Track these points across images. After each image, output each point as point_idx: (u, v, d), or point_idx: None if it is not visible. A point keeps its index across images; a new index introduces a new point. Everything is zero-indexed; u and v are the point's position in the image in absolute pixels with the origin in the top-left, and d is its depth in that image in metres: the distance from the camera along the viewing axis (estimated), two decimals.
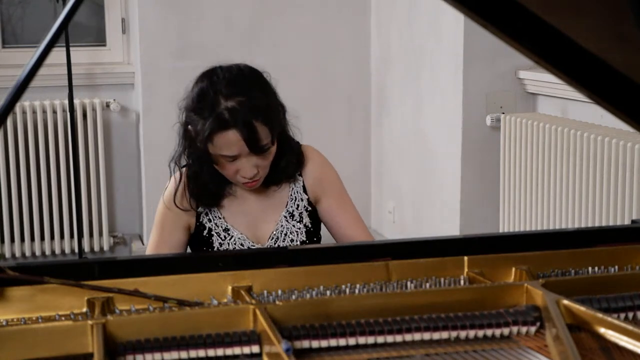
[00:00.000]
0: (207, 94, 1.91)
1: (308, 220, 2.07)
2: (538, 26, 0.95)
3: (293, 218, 2.06)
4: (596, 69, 0.99)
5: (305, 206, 2.08)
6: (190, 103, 1.96)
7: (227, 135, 1.87)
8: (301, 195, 2.08)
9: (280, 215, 2.06)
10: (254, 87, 1.93)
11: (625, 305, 1.25)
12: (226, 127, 1.87)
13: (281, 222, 2.05)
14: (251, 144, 1.88)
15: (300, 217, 2.06)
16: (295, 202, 2.07)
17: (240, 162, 1.92)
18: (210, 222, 2.04)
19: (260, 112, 1.89)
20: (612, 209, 2.90)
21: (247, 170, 1.93)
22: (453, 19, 3.64)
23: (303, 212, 2.07)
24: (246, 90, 1.91)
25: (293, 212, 2.07)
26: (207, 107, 1.89)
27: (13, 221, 4.22)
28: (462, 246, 1.47)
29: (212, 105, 1.89)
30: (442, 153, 3.87)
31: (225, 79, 1.92)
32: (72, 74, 4.05)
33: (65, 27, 1.19)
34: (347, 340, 1.14)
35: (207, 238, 2.03)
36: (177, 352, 1.11)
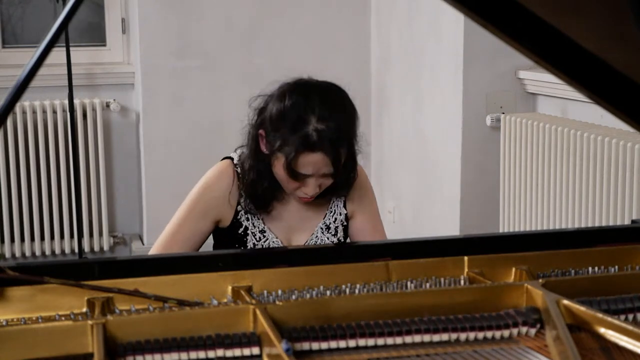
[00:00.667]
0: (299, 110, 1.91)
1: (342, 234, 2.09)
2: (538, 26, 0.95)
3: (329, 231, 2.07)
4: (596, 69, 0.99)
5: (342, 220, 2.09)
6: (275, 114, 1.93)
7: (313, 156, 1.88)
8: (340, 209, 2.09)
9: (317, 226, 2.07)
10: (345, 111, 1.96)
11: (625, 307, 1.25)
12: (314, 148, 1.87)
13: (316, 233, 2.06)
14: (334, 168, 1.90)
15: (335, 231, 2.08)
16: (334, 216, 2.08)
17: (307, 180, 1.92)
18: (248, 220, 2.03)
19: (348, 141, 1.93)
20: (612, 209, 2.90)
21: (310, 189, 1.94)
22: (453, 19, 3.64)
23: (339, 226, 2.08)
24: (339, 114, 1.93)
25: (330, 224, 2.07)
26: (297, 124, 1.89)
27: (13, 221, 4.22)
28: (462, 246, 1.47)
29: (303, 123, 1.88)
30: (442, 153, 3.87)
31: (317, 98, 1.94)
32: (72, 74, 4.05)
33: (65, 27, 1.19)
34: (347, 342, 1.14)
35: (242, 236, 2.03)
36: (177, 353, 1.11)
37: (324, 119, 1.89)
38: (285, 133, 1.89)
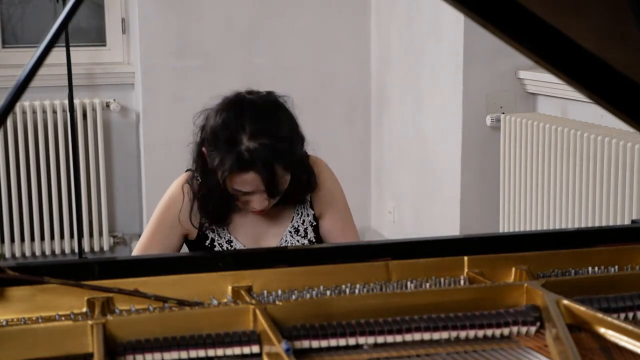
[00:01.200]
0: (231, 129, 1.87)
1: (312, 235, 2.08)
2: (538, 26, 0.95)
3: (298, 233, 2.06)
4: (596, 69, 0.99)
5: (310, 221, 2.08)
6: (210, 132, 1.91)
7: (246, 175, 1.86)
8: (307, 210, 2.08)
9: (285, 230, 2.06)
10: (280, 125, 1.90)
11: (625, 305, 1.25)
12: (246, 168, 1.85)
13: (286, 237, 2.05)
14: (269, 187, 1.87)
15: (305, 233, 2.07)
16: (301, 218, 2.07)
17: (253, 196, 1.91)
18: (213, 232, 2.03)
19: (282, 157, 1.87)
20: (612, 209, 2.90)
21: (256, 204, 1.92)
22: (453, 19, 3.64)
23: (308, 227, 2.07)
24: (271, 130, 1.87)
25: (298, 227, 2.06)
26: (228, 143, 1.86)
27: (13, 221, 4.22)
28: (462, 246, 1.47)
29: (234, 142, 1.85)
30: (442, 153, 3.87)
31: (250, 113, 1.88)
32: (72, 74, 4.05)
33: (65, 27, 1.19)
34: (347, 340, 1.14)
35: (210, 248, 2.03)
36: (177, 352, 1.11)
37: (256, 136, 1.85)
38: (220, 152, 1.87)
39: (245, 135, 1.85)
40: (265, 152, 1.84)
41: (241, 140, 1.85)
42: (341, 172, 4.83)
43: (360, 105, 4.61)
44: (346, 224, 2.12)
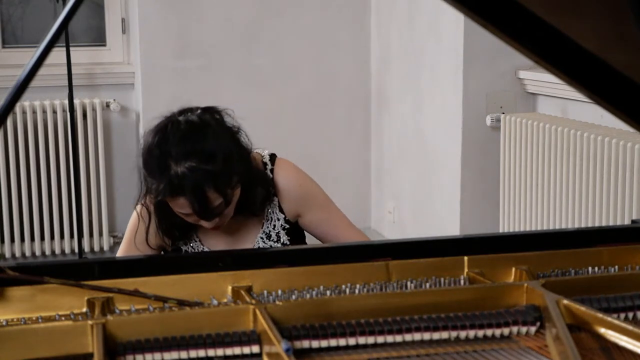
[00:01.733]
0: (156, 155, 1.83)
1: (286, 238, 2.03)
2: (538, 26, 0.95)
3: (270, 238, 2.03)
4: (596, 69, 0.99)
5: (282, 225, 2.03)
6: (142, 158, 1.89)
7: (178, 200, 1.82)
8: (277, 215, 2.03)
9: (257, 236, 2.03)
10: (207, 144, 1.82)
11: (625, 305, 1.25)
12: (177, 194, 1.80)
13: (258, 243, 2.02)
14: (201, 211, 1.82)
15: (277, 237, 2.03)
16: (272, 223, 2.03)
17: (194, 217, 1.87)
18: (185, 245, 2.02)
19: (214, 180, 1.79)
20: (612, 209, 2.90)
21: (205, 225, 1.89)
22: (453, 19, 3.64)
23: (280, 231, 2.03)
24: (199, 151, 1.80)
25: (270, 232, 2.03)
26: (157, 169, 1.82)
27: (13, 221, 4.22)
28: (462, 246, 1.47)
29: (162, 168, 1.81)
30: (442, 153, 3.87)
31: (175, 137, 1.81)
32: (72, 74, 4.05)
33: (65, 27, 1.19)
34: (347, 340, 1.14)
35: None
36: (177, 352, 1.11)
37: (183, 160, 1.79)
38: (151, 177, 1.85)
39: (172, 160, 1.79)
40: (194, 176, 1.78)
41: (169, 165, 1.79)
42: (341, 172, 4.83)
43: (360, 105, 4.61)
44: (330, 212, 2.07)
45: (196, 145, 1.81)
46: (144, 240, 1.99)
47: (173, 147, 1.80)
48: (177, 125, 1.84)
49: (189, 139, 1.81)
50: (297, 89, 4.48)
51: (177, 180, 1.79)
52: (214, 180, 1.79)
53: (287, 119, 4.47)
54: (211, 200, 1.81)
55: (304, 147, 4.47)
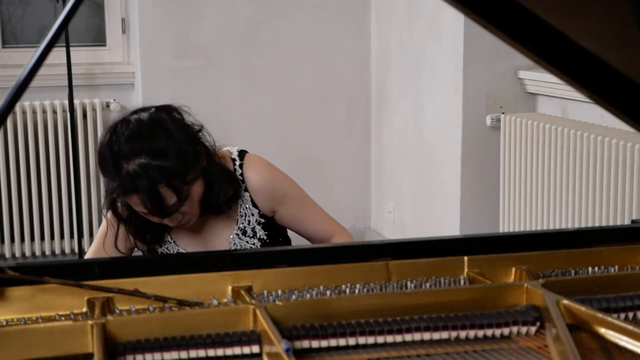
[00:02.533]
0: (106, 155, 1.82)
1: (262, 232, 2.02)
2: (538, 26, 0.95)
3: (245, 234, 2.01)
4: (596, 69, 0.99)
5: (257, 220, 2.01)
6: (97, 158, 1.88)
7: (132, 199, 1.81)
8: (251, 210, 2.01)
9: (232, 233, 2.01)
10: (156, 141, 1.80)
11: (625, 305, 1.25)
12: (130, 192, 1.80)
13: (234, 240, 2.01)
14: (155, 209, 1.80)
15: (253, 232, 2.01)
16: (246, 219, 2.01)
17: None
18: (160, 247, 2.01)
19: (165, 176, 1.78)
20: (612, 209, 2.90)
21: (171, 221, 1.87)
22: (453, 19, 3.64)
23: (255, 226, 2.01)
24: (147, 148, 1.79)
25: (245, 228, 2.01)
26: (110, 170, 1.82)
27: (13, 221, 4.21)
28: (462, 246, 1.47)
29: (114, 168, 1.80)
30: (442, 153, 3.87)
31: (124, 136, 1.80)
32: (72, 74, 4.05)
33: (65, 27, 1.19)
34: (347, 340, 1.14)
35: None
36: (177, 352, 1.11)
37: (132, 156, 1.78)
38: (107, 177, 1.84)
39: (123, 159, 1.78)
40: (145, 174, 1.77)
41: (121, 164, 1.79)
42: (341, 172, 4.82)
43: (360, 105, 4.61)
44: (305, 207, 2.05)
45: (146, 143, 1.79)
46: (113, 245, 1.97)
47: (123, 145, 1.79)
48: (127, 124, 1.83)
49: (139, 136, 1.80)
50: (297, 89, 4.48)
51: (129, 178, 1.77)
52: (165, 176, 1.78)
53: (287, 119, 4.47)
54: (165, 198, 1.79)
55: (304, 147, 4.47)
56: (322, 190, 3.03)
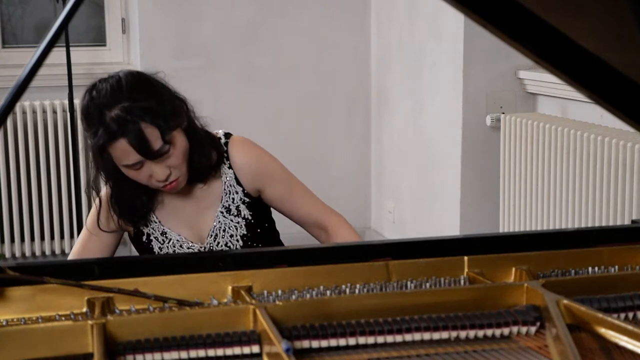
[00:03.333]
0: (90, 109, 1.85)
1: (247, 212, 2.01)
2: (538, 26, 0.95)
3: (230, 212, 2.01)
4: (596, 69, 0.99)
5: (241, 198, 2.01)
6: (81, 122, 1.91)
7: (118, 145, 1.82)
8: (235, 187, 2.01)
9: (216, 211, 2.01)
10: (135, 90, 1.86)
11: (625, 305, 1.25)
12: (115, 137, 1.81)
13: (218, 218, 2.01)
14: (143, 150, 1.82)
15: (237, 211, 2.01)
16: (230, 196, 2.01)
17: (147, 167, 1.87)
18: (147, 227, 2.02)
19: (147, 115, 1.83)
20: (612, 209, 2.90)
21: (159, 174, 1.88)
22: (453, 19, 3.64)
23: (240, 204, 2.01)
24: (127, 95, 1.84)
25: (229, 206, 2.01)
26: (95, 122, 1.84)
27: (13, 221, 4.22)
28: (462, 246, 1.47)
29: (99, 119, 1.83)
30: (442, 153, 3.87)
31: (104, 89, 1.85)
32: (72, 74, 4.05)
33: (65, 27, 1.19)
34: (347, 340, 1.14)
35: (147, 244, 2.02)
36: (177, 352, 1.11)
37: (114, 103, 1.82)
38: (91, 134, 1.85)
39: (106, 109, 1.83)
40: (128, 115, 1.81)
41: (104, 113, 1.83)
42: (341, 172, 4.83)
43: (360, 105, 4.61)
44: (291, 187, 2.05)
45: (127, 92, 1.85)
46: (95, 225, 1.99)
47: (105, 97, 1.84)
48: (106, 81, 1.88)
49: (120, 87, 1.85)
50: (297, 89, 4.48)
51: (113, 123, 1.81)
52: (148, 114, 1.83)
53: (287, 119, 4.47)
54: (150, 139, 1.82)
55: (304, 147, 4.47)
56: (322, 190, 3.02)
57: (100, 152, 1.86)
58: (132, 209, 1.98)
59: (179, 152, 1.89)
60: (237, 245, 2.00)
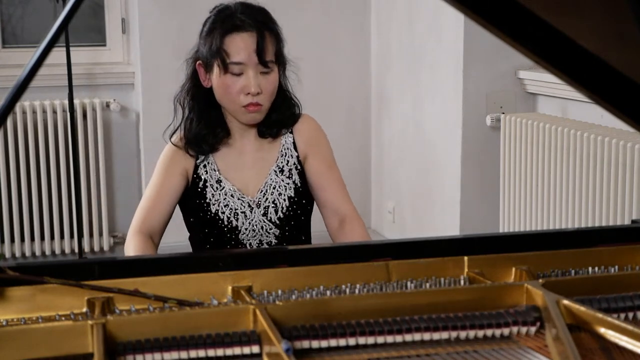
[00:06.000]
0: (228, 7, 2.08)
1: (298, 178, 2.13)
2: (538, 26, 0.95)
3: (282, 173, 2.12)
4: (596, 69, 0.99)
5: (294, 163, 2.14)
6: (205, 31, 2.12)
7: (238, 37, 2.03)
8: (291, 151, 2.14)
9: (270, 169, 2.12)
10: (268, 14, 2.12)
11: (625, 306, 1.25)
12: (238, 29, 2.03)
13: (270, 175, 2.11)
14: (259, 49, 2.03)
15: (289, 174, 2.13)
16: (285, 158, 2.14)
17: (245, 77, 2.03)
18: (206, 173, 2.11)
19: (272, 27, 2.08)
20: (612, 209, 2.90)
21: (251, 86, 2.03)
22: (453, 19, 3.64)
23: (292, 169, 2.13)
24: (261, 12, 2.09)
25: (283, 167, 2.13)
26: (223, 19, 2.06)
27: (13, 221, 4.22)
28: (462, 246, 1.47)
29: (229, 16, 2.05)
30: (442, 153, 3.87)
31: (241, 5, 2.09)
32: (72, 74, 4.05)
33: (65, 27, 1.19)
34: (347, 340, 1.14)
35: (202, 190, 2.10)
36: (177, 352, 1.11)
37: (247, 11, 2.06)
38: (215, 28, 2.06)
39: (239, 12, 2.06)
40: (256, 18, 2.05)
41: (235, 13, 2.06)
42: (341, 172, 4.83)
43: (360, 105, 4.61)
44: (331, 169, 2.18)
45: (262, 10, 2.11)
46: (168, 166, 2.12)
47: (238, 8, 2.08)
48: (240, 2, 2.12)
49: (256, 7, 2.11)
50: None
51: (247, 18, 2.05)
52: (276, 33, 2.12)
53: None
54: (269, 47, 2.07)
55: None
56: None
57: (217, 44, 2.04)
58: (207, 136, 2.11)
59: (274, 81, 2.10)
60: (284, 204, 2.10)
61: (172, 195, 2.10)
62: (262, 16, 2.08)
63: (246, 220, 2.08)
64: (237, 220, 2.08)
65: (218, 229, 2.09)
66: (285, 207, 2.10)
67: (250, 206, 2.09)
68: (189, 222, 2.15)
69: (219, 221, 2.08)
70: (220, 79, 2.05)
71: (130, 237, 2.05)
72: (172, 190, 2.10)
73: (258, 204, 2.09)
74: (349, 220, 2.11)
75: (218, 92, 2.08)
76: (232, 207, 2.08)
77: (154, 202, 2.08)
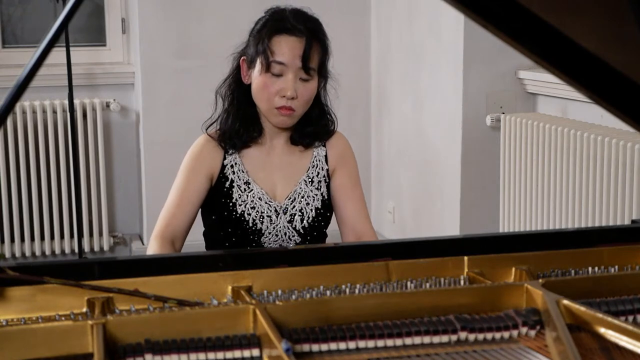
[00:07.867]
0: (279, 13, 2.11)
1: (325, 190, 2.15)
2: (538, 26, 0.95)
3: (312, 184, 2.14)
4: (596, 69, 0.99)
5: (324, 176, 2.16)
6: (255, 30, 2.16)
7: (286, 39, 2.06)
8: (322, 164, 2.17)
9: (300, 178, 2.14)
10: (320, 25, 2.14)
11: (625, 309, 1.25)
12: (288, 31, 2.06)
13: (300, 184, 2.13)
14: (305, 55, 2.04)
15: (319, 185, 2.14)
16: (316, 170, 2.16)
17: (284, 79, 2.04)
18: (234, 174, 2.11)
19: (321, 38, 2.10)
20: (612, 209, 2.90)
21: (288, 89, 2.04)
22: (453, 19, 3.64)
23: (322, 181, 2.15)
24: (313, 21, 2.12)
25: (313, 178, 2.15)
26: (275, 20, 2.09)
27: (13, 221, 4.22)
28: (462, 246, 1.47)
29: (282, 19, 2.09)
30: (442, 153, 3.87)
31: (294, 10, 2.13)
32: (72, 74, 4.05)
33: (65, 27, 1.19)
34: (347, 343, 1.14)
35: (228, 190, 2.10)
36: (177, 355, 1.11)
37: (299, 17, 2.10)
38: (263, 31, 2.09)
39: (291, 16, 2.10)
40: (307, 25, 2.08)
41: (287, 15, 2.10)
42: None
43: (360, 105, 4.61)
44: (355, 187, 2.19)
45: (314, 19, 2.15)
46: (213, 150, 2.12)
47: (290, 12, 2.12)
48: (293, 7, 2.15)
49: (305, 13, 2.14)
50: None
51: (298, 24, 2.07)
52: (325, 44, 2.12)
53: None
54: (314, 55, 2.07)
55: None
56: None
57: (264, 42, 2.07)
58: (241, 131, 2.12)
59: (312, 89, 2.09)
60: (310, 214, 2.11)
61: (196, 198, 2.09)
62: (314, 25, 2.11)
63: (271, 224, 2.08)
64: (262, 223, 2.08)
65: (242, 230, 2.08)
66: (312, 217, 2.11)
67: (276, 211, 2.09)
68: (210, 219, 2.14)
69: (244, 222, 2.07)
70: (261, 76, 2.07)
71: (153, 240, 2.03)
72: (196, 194, 2.09)
73: (285, 210, 2.10)
74: (365, 239, 2.11)
75: (255, 89, 2.09)
76: (258, 210, 2.08)
77: (178, 206, 2.07)
